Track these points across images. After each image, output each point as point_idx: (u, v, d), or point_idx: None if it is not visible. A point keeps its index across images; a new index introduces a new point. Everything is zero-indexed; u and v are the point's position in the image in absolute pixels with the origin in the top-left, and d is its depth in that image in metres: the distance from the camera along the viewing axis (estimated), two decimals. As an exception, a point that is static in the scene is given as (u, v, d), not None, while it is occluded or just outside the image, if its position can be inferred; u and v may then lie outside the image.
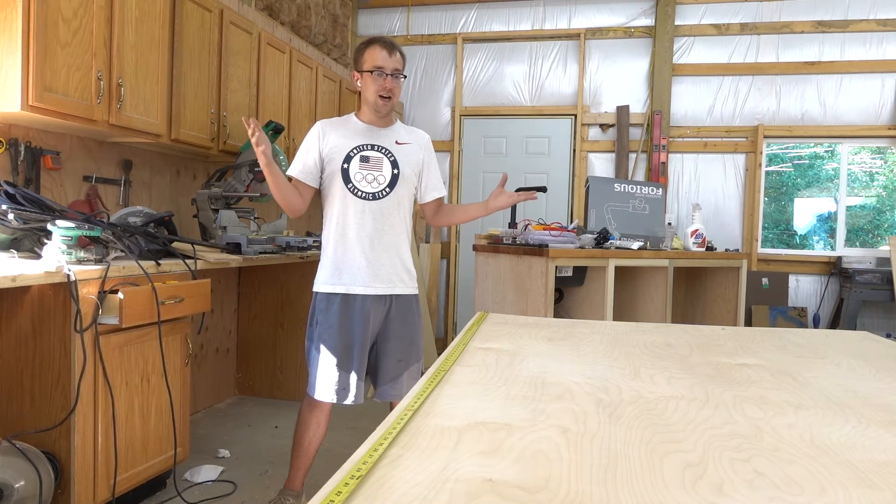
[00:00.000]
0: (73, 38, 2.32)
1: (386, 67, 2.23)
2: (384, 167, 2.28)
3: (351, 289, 2.24)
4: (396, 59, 2.26)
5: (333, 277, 2.25)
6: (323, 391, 2.24)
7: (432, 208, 2.48)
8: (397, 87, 2.27)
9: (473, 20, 5.54)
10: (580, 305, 3.25)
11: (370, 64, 2.24)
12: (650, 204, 3.59)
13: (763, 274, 4.98)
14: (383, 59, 2.23)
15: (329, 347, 2.23)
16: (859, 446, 0.71)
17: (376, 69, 2.22)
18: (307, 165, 2.28)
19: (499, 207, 2.39)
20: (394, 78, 2.24)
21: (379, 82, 2.23)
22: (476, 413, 0.78)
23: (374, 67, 2.23)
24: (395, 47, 2.27)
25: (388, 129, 2.34)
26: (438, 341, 5.40)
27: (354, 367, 2.23)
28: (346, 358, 2.23)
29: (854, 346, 1.37)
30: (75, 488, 2.02)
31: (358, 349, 2.24)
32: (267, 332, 3.89)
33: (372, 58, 2.24)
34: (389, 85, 2.24)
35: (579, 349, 1.23)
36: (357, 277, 2.24)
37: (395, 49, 2.27)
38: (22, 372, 2.05)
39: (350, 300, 2.24)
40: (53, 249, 1.98)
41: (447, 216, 2.53)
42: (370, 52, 2.25)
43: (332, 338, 2.23)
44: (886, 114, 4.88)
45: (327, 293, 2.26)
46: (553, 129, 5.40)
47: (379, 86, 2.23)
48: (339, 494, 0.53)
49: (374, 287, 2.25)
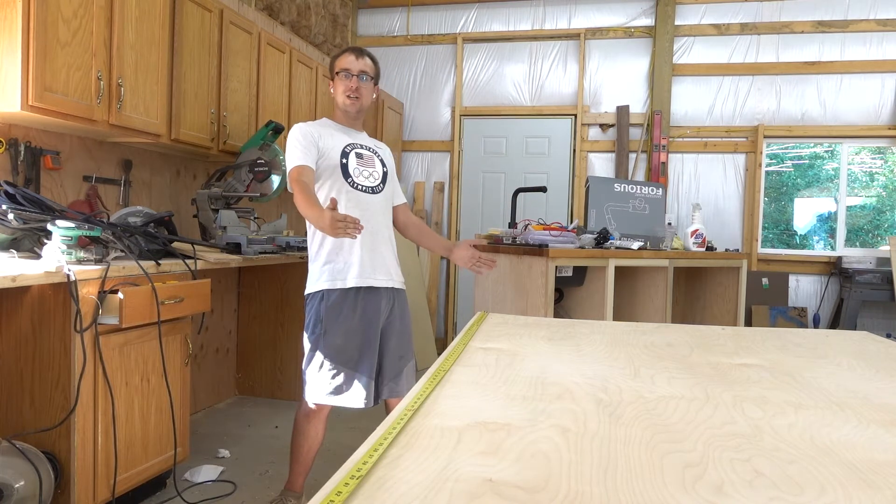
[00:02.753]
0: (73, 38, 2.32)
1: (352, 69, 2.29)
2: (376, 164, 2.37)
3: (363, 282, 2.22)
4: (364, 63, 2.32)
5: (340, 274, 2.22)
6: (334, 396, 2.19)
7: (401, 217, 2.50)
8: (364, 88, 2.31)
9: (473, 20, 5.54)
10: (580, 305, 3.25)
11: (338, 67, 2.32)
12: (650, 204, 3.59)
13: (763, 274, 4.98)
14: (350, 62, 2.30)
15: (340, 349, 2.18)
16: (859, 446, 0.71)
17: (343, 71, 2.30)
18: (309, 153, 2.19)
19: (461, 260, 2.36)
20: (360, 79, 2.30)
21: (345, 83, 2.29)
22: (476, 413, 0.78)
23: (340, 69, 2.30)
24: (363, 52, 2.35)
25: (362, 134, 2.42)
26: (438, 341, 5.39)
27: (366, 369, 2.21)
28: (359, 359, 2.20)
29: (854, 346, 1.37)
30: (75, 488, 2.02)
31: (369, 349, 2.22)
32: (267, 332, 3.89)
33: (340, 62, 2.32)
34: (355, 84, 2.29)
35: (579, 349, 1.23)
36: (365, 271, 2.23)
37: (364, 54, 2.34)
38: (22, 372, 2.05)
39: (362, 294, 2.22)
40: (53, 249, 1.98)
41: (415, 233, 2.52)
42: (340, 58, 2.34)
43: (345, 338, 2.19)
44: (886, 114, 4.88)
45: (338, 290, 2.20)
46: (553, 129, 5.40)
47: (345, 86, 2.29)
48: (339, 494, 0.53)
49: (379, 280, 2.26)
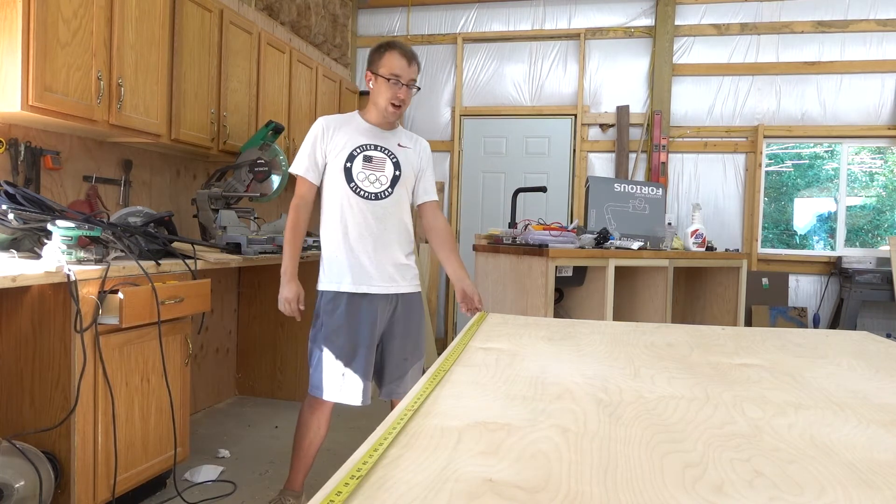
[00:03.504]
0: (73, 38, 2.32)
1: (403, 77, 2.20)
2: (386, 167, 2.27)
3: (357, 288, 2.23)
4: (414, 70, 2.24)
5: (338, 277, 2.24)
6: (330, 392, 2.23)
7: (427, 218, 2.44)
8: (409, 97, 2.26)
9: (473, 20, 5.54)
10: (580, 305, 3.25)
11: (387, 70, 2.20)
12: (650, 204, 3.59)
13: (763, 274, 4.98)
14: (402, 67, 2.20)
15: (336, 347, 2.22)
16: (859, 446, 0.71)
17: (393, 77, 2.20)
18: (313, 163, 2.25)
19: (457, 293, 2.35)
20: (408, 88, 2.23)
21: (393, 91, 2.20)
22: (476, 413, 0.78)
23: (391, 75, 2.20)
24: (414, 58, 2.25)
25: (391, 133, 2.33)
26: (438, 341, 5.39)
27: (361, 367, 2.22)
28: (353, 358, 2.22)
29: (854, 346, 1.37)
30: (75, 488, 2.02)
31: (365, 349, 2.23)
32: (267, 332, 3.89)
33: (390, 63, 2.20)
34: (403, 95, 2.22)
35: (579, 349, 1.23)
36: (362, 277, 2.23)
37: (415, 60, 2.25)
38: (22, 372, 2.05)
39: (357, 299, 2.23)
40: (53, 249, 1.98)
41: (437, 245, 2.43)
42: (389, 56, 2.21)
43: (339, 338, 2.22)
44: (886, 114, 4.88)
45: (333, 292, 2.24)
46: (553, 129, 5.40)
47: (393, 94, 2.21)
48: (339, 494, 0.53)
49: (379, 286, 2.25)
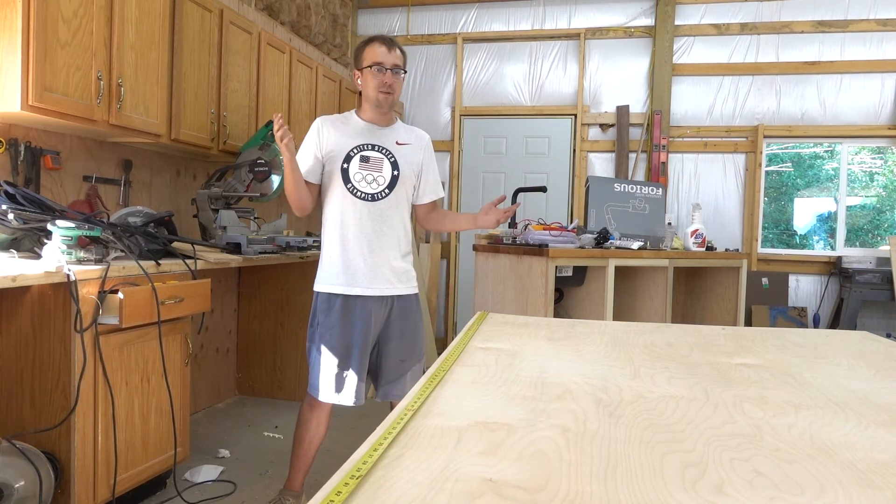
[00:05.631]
0: (73, 38, 2.32)
1: (385, 63, 2.22)
2: (384, 168, 2.27)
3: (352, 290, 2.23)
4: (396, 55, 2.26)
5: (334, 278, 2.25)
6: (324, 392, 2.24)
7: (425, 210, 2.48)
8: (397, 82, 2.26)
9: (473, 20, 5.54)
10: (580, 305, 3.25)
11: (370, 60, 2.24)
12: (650, 204, 3.59)
13: (763, 274, 4.98)
14: (382, 54, 2.23)
15: (330, 348, 2.23)
16: (859, 446, 0.71)
17: (375, 64, 2.22)
18: (311, 164, 2.27)
19: (487, 225, 2.34)
20: (393, 73, 2.24)
21: (379, 77, 2.23)
22: (476, 413, 0.78)
23: (373, 63, 2.23)
24: (394, 43, 2.27)
25: (388, 129, 2.33)
26: (438, 341, 5.39)
27: (355, 368, 2.23)
28: (347, 359, 2.23)
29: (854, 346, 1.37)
30: (75, 488, 2.02)
31: (358, 350, 2.23)
32: (267, 332, 3.89)
33: (372, 54, 2.24)
34: (389, 80, 2.23)
35: (579, 349, 1.23)
36: (357, 278, 2.24)
37: (395, 45, 2.27)
38: (22, 372, 2.05)
39: (351, 301, 2.24)
40: (53, 249, 1.98)
41: (437, 222, 2.50)
42: (370, 49, 2.25)
43: (334, 338, 2.23)
44: (886, 114, 4.88)
45: (328, 293, 2.26)
46: (553, 129, 5.40)
47: (379, 81, 2.23)
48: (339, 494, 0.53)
49: (375, 288, 2.25)
